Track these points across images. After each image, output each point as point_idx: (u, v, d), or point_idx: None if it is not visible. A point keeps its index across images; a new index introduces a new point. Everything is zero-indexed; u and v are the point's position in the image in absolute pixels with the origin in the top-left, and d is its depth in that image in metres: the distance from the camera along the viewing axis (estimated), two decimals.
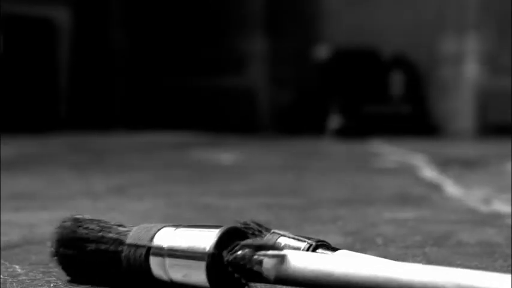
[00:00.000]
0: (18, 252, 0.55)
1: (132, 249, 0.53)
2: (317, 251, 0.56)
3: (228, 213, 1.03)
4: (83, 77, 5.39)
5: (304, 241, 0.57)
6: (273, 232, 0.61)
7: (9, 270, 0.62)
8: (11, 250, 0.71)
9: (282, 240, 0.59)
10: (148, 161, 2.37)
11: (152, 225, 0.55)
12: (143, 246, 0.53)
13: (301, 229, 0.87)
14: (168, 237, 0.53)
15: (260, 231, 0.62)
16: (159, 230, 0.54)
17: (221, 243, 0.51)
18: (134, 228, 0.55)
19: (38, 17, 5.17)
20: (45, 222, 0.90)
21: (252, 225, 0.64)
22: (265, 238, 0.61)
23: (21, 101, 5.12)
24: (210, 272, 0.50)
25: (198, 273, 0.50)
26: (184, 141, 3.62)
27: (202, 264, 0.50)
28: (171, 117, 5.48)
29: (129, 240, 0.54)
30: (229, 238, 0.51)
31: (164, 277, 0.52)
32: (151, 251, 0.53)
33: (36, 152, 2.73)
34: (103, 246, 0.54)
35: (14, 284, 0.57)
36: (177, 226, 0.54)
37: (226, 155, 2.56)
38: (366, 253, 0.57)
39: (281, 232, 0.60)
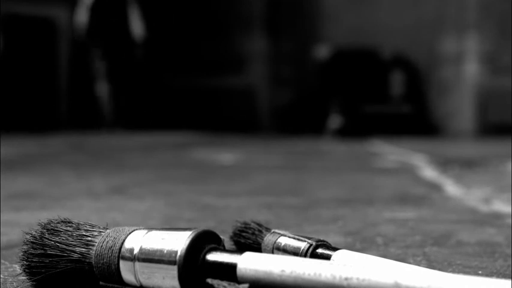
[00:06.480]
0: (18, 252, 0.55)
1: (102, 256, 0.52)
2: (317, 250, 0.56)
3: (228, 213, 1.03)
4: (83, 77, 5.40)
5: (304, 241, 0.57)
6: (273, 232, 0.61)
7: (9, 270, 0.62)
8: (11, 250, 0.71)
9: (282, 240, 0.59)
10: (149, 161, 2.37)
11: (123, 228, 0.53)
12: (113, 252, 0.52)
13: (302, 229, 0.87)
14: (138, 241, 0.51)
15: (260, 231, 0.62)
16: (130, 233, 0.52)
17: (193, 246, 0.49)
18: (106, 232, 0.53)
19: (38, 16, 5.18)
20: None
21: (252, 225, 0.64)
22: (265, 238, 0.61)
23: (22, 101, 5.13)
24: (182, 276, 0.48)
25: (169, 278, 0.49)
26: (185, 141, 3.62)
27: (174, 269, 0.49)
28: (171, 117, 5.48)
29: (97, 248, 0.52)
30: (202, 241, 0.50)
31: (134, 282, 0.51)
32: (120, 255, 0.51)
33: (36, 152, 2.73)
34: (70, 257, 0.53)
35: (14, 284, 0.57)
36: (149, 229, 0.52)
37: (227, 155, 2.56)
38: (366, 253, 0.57)
39: (281, 232, 0.60)
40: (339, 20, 5.42)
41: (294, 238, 0.58)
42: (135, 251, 0.51)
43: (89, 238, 0.53)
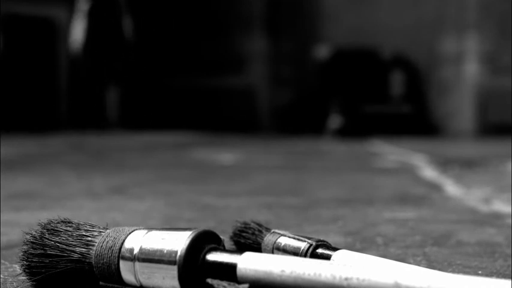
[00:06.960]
0: (18, 252, 0.55)
1: (102, 256, 0.51)
2: (317, 250, 0.56)
3: (228, 212, 1.03)
4: (82, 78, 5.40)
5: (304, 241, 0.57)
6: (273, 232, 0.61)
7: (9, 270, 0.62)
8: (11, 250, 0.71)
9: (282, 240, 0.59)
10: (149, 161, 2.37)
11: (123, 228, 0.53)
12: (112, 252, 0.51)
13: (302, 229, 0.87)
14: (138, 241, 0.51)
15: (260, 231, 0.62)
16: (130, 233, 0.52)
17: (193, 247, 0.49)
18: (106, 232, 0.53)
19: (38, 16, 5.18)
20: None
21: (252, 225, 0.63)
22: (265, 238, 0.61)
23: (22, 101, 5.13)
24: (182, 276, 0.48)
25: (169, 278, 0.49)
26: (184, 141, 3.62)
27: (174, 269, 0.48)
28: (171, 117, 5.48)
29: (97, 248, 0.52)
30: (202, 241, 0.50)
31: (134, 282, 0.51)
32: (120, 256, 0.51)
33: (36, 152, 2.73)
34: (70, 257, 0.53)
35: (14, 284, 0.57)
36: (149, 229, 0.52)
37: (227, 155, 2.56)
38: (366, 253, 0.57)
39: (281, 232, 0.60)
40: (339, 20, 5.42)
41: (294, 238, 0.58)
42: (135, 251, 0.50)
43: (89, 238, 0.53)
